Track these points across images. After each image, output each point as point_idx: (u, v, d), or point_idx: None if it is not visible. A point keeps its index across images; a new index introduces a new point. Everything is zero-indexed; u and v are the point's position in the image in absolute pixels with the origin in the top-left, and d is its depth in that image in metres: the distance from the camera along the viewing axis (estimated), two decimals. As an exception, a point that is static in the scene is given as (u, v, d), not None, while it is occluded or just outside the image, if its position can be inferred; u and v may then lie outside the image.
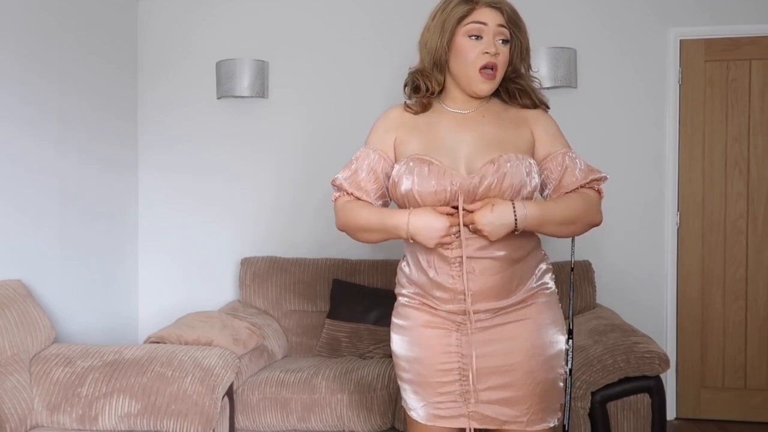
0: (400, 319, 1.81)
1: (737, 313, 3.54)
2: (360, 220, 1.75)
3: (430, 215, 1.65)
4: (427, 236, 1.65)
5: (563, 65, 3.43)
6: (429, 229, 1.64)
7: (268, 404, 2.82)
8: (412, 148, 1.74)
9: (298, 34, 3.75)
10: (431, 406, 1.76)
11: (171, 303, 3.77)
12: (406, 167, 1.70)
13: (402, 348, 1.79)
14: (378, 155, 1.78)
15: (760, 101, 3.52)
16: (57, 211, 3.11)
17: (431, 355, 1.74)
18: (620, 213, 3.57)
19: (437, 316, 1.74)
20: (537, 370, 1.72)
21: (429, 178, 1.67)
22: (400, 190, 1.70)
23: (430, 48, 1.76)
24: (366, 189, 1.77)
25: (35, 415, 2.40)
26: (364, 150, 1.81)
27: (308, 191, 3.73)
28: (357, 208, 1.76)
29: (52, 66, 3.08)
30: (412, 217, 1.66)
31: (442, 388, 1.74)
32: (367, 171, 1.78)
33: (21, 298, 2.56)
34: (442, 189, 1.66)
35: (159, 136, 3.83)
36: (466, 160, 1.70)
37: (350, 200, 1.79)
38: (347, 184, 1.78)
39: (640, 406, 2.58)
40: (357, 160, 1.80)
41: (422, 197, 1.68)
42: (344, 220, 1.79)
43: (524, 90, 1.80)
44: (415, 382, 1.77)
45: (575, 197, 1.73)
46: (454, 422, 1.75)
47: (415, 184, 1.67)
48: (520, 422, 1.73)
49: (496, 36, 1.71)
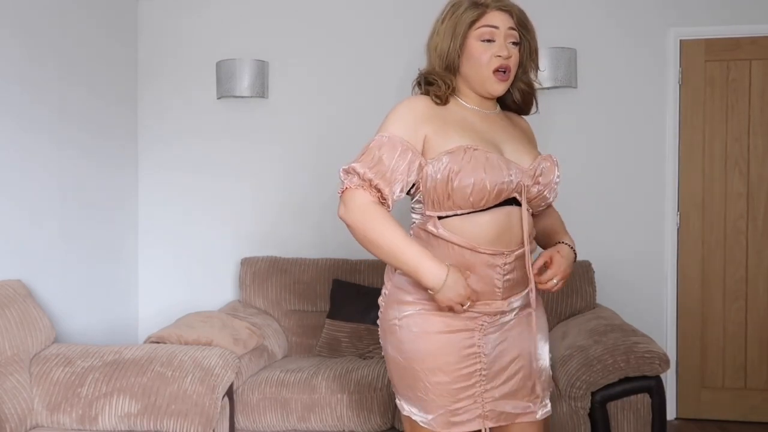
0: (414, 328, 1.71)
1: (737, 313, 3.54)
2: (383, 243, 1.64)
3: (460, 279, 1.62)
4: (445, 296, 1.62)
5: (563, 65, 3.43)
6: (452, 291, 1.62)
7: (268, 404, 2.82)
8: (455, 140, 1.67)
9: (298, 34, 3.75)
10: (449, 414, 1.71)
11: (171, 303, 3.77)
12: (470, 157, 1.63)
13: (417, 358, 1.70)
14: (406, 147, 1.65)
15: (760, 101, 3.52)
16: (57, 211, 3.11)
17: (454, 360, 1.69)
18: (620, 213, 3.57)
19: (457, 318, 1.70)
20: (540, 359, 1.80)
21: (499, 169, 1.65)
22: (464, 181, 1.62)
23: (441, 52, 1.76)
24: (390, 180, 1.63)
25: (35, 415, 2.40)
26: (389, 139, 1.66)
27: (308, 191, 3.74)
28: (386, 224, 1.63)
29: (53, 65, 3.08)
30: (451, 276, 1.61)
31: (462, 393, 1.70)
32: (395, 161, 1.64)
33: (21, 298, 2.56)
34: (511, 180, 1.67)
35: (159, 135, 3.83)
36: (509, 156, 1.72)
37: (374, 203, 1.64)
38: (372, 173, 1.63)
39: (640, 406, 2.57)
40: (380, 149, 1.65)
41: (493, 187, 1.64)
42: (361, 224, 1.64)
43: (531, 91, 1.86)
44: (433, 392, 1.70)
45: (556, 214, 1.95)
46: (468, 426, 1.72)
47: (486, 174, 1.62)
48: (532, 412, 1.78)
49: (507, 38, 1.73)
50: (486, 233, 1.67)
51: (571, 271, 1.79)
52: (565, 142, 3.54)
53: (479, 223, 1.67)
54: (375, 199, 1.65)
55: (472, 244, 1.66)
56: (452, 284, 1.61)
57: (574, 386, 2.56)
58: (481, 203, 1.65)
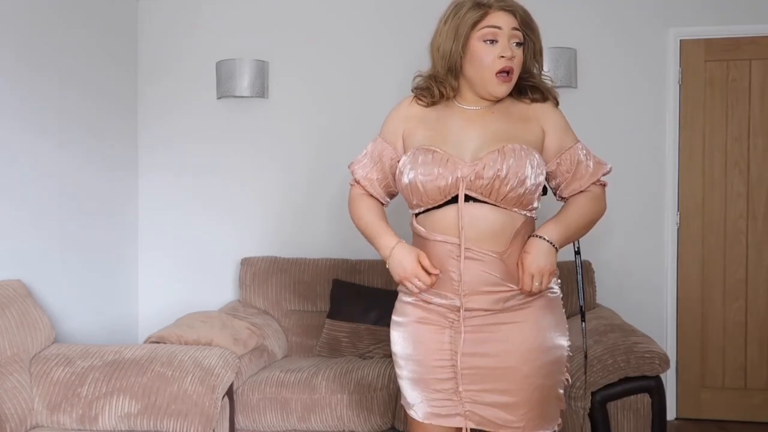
0: (398, 316, 1.83)
1: (737, 313, 3.54)
2: (359, 222, 1.86)
3: (407, 254, 1.71)
4: (394, 271, 1.73)
5: (563, 65, 3.43)
6: (399, 265, 1.71)
7: (268, 404, 2.82)
8: (418, 140, 1.77)
9: (298, 34, 3.75)
10: (428, 404, 1.76)
11: (171, 303, 3.77)
12: (412, 157, 1.72)
13: (399, 345, 1.81)
14: (386, 145, 1.84)
15: (760, 101, 3.51)
16: (57, 211, 3.11)
17: (426, 351, 1.75)
18: (620, 213, 3.57)
19: (431, 312, 1.74)
20: (534, 375, 1.69)
21: (432, 166, 1.68)
22: (403, 180, 1.73)
23: (443, 53, 1.75)
24: (370, 178, 1.86)
25: (35, 415, 2.40)
26: (377, 138, 1.87)
27: (309, 191, 3.74)
28: (363, 208, 1.86)
29: (53, 66, 3.07)
30: (396, 249, 1.73)
31: (437, 384, 1.75)
32: (373, 160, 1.85)
33: (21, 298, 2.56)
34: (443, 177, 1.67)
35: (159, 135, 3.83)
36: (472, 153, 1.71)
37: (362, 194, 1.88)
38: (357, 170, 1.87)
39: (640, 406, 2.58)
40: (370, 149, 1.87)
41: (425, 186, 1.69)
42: (350, 210, 1.90)
43: (536, 87, 1.81)
44: (413, 379, 1.78)
45: (583, 201, 1.78)
46: (450, 421, 1.75)
47: (419, 173, 1.69)
48: (517, 428, 1.70)
49: (511, 39, 1.72)
50: (441, 228, 1.71)
51: (553, 262, 1.68)
52: (565, 142, 3.53)
53: (436, 218, 1.72)
54: (364, 192, 1.88)
55: (426, 233, 1.73)
56: (398, 257, 1.71)
57: (574, 386, 2.56)
58: (426, 200, 1.71)
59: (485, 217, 1.68)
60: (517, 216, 1.71)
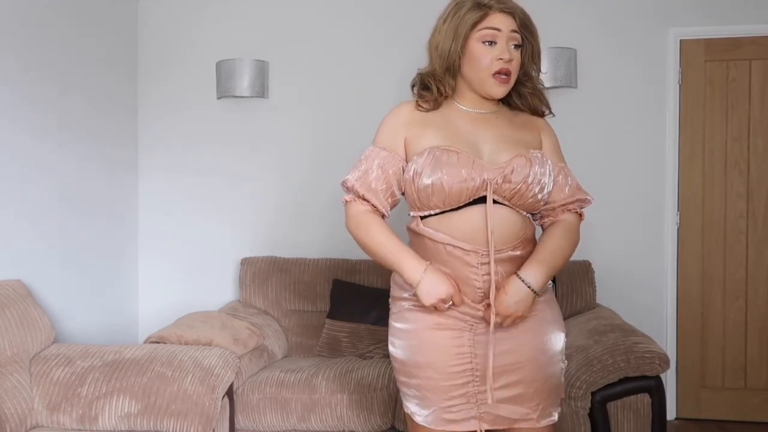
0: (402, 323, 1.77)
1: (737, 313, 3.54)
2: (372, 241, 1.74)
3: (441, 278, 1.66)
4: (428, 294, 1.66)
5: (563, 65, 3.43)
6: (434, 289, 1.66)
7: (268, 404, 2.82)
8: (428, 141, 1.71)
9: (298, 34, 3.75)
10: (442, 411, 1.72)
11: (171, 303, 3.77)
12: (432, 157, 1.67)
13: (408, 353, 1.74)
14: (387, 153, 1.75)
15: (760, 101, 3.51)
16: (57, 211, 3.11)
17: (444, 357, 1.70)
18: (620, 213, 3.57)
19: (448, 318, 1.71)
20: (545, 365, 1.74)
21: (459, 167, 1.65)
22: (424, 181, 1.66)
23: (442, 52, 1.75)
24: (375, 189, 1.74)
25: (35, 415, 2.40)
26: (373, 149, 1.77)
27: (308, 191, 3.74)
28: (374, 228, 1.74)
29: (52, 66, 3.08)
30: (429, 273, 1.66)
31: (454, 391, 1.71)
32: (376, 171, 1.74)
33: (21, 298, 2.56)
34: (472, 179, 1.65)
35: (159, 135, 3.83)
36: (488, 155, 1.71)
37: (366, 211, 1.75)
38: (359, 185, 1.74)
39: (640, 406, 2.57)
40: (366, 160, 1.76)
41: (451, 187, 1.66)
42: (355, 231, 1.76)
43: (535, 93, 1.82)
44: (425, 388, 1.72)
45: (559, 233, 1.78)
46: (464, 425, 1.72)
47: (444, 174, 1.65)
48: (531, 419, 1.73)
49: (510, 41, 1.72)
50: (461, 232, 1.69)
51: (527, 308, 1.68)
52: (565, 142, 3.49)
53: (453, 221, 1.69)
54: (368, 208, 1.76)
55: (446, 239, 1.69)
56: (430, 281, 1.66)
57: (574, 386, 2.56)
58: (449, 202, 1.68)
59: (508, 219, 1.71)
60: (527, 219, 1.76)
